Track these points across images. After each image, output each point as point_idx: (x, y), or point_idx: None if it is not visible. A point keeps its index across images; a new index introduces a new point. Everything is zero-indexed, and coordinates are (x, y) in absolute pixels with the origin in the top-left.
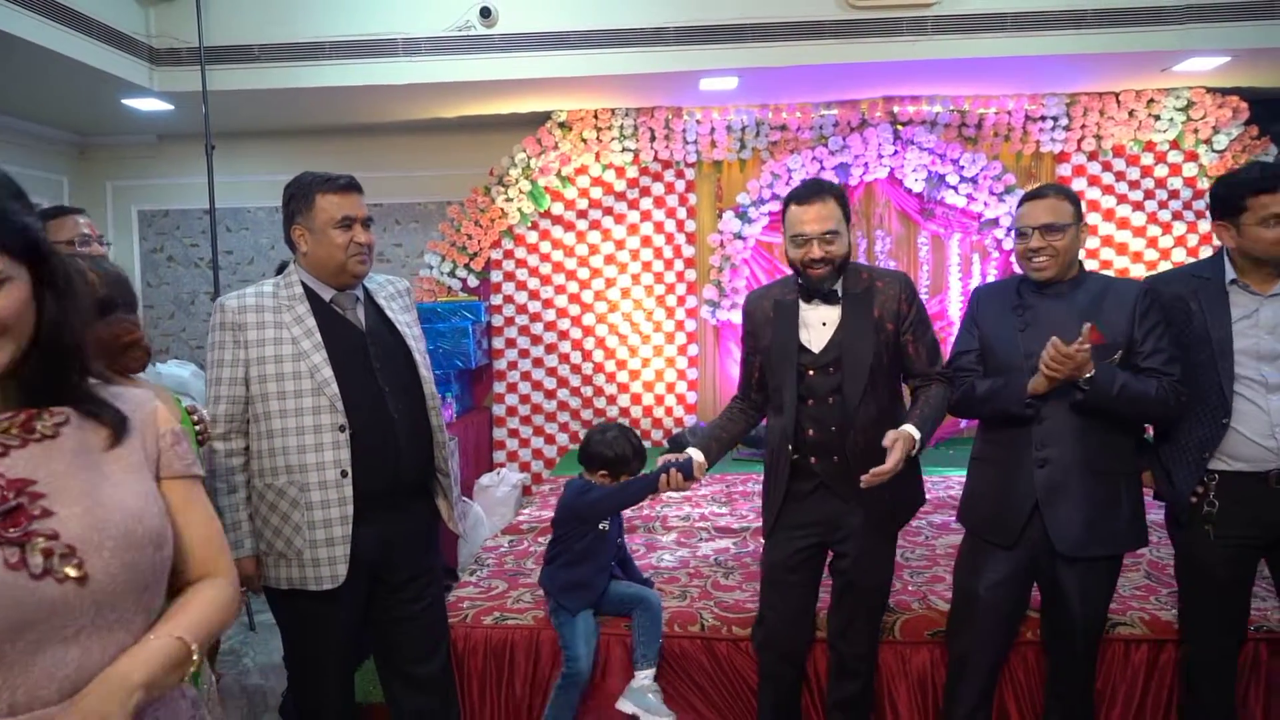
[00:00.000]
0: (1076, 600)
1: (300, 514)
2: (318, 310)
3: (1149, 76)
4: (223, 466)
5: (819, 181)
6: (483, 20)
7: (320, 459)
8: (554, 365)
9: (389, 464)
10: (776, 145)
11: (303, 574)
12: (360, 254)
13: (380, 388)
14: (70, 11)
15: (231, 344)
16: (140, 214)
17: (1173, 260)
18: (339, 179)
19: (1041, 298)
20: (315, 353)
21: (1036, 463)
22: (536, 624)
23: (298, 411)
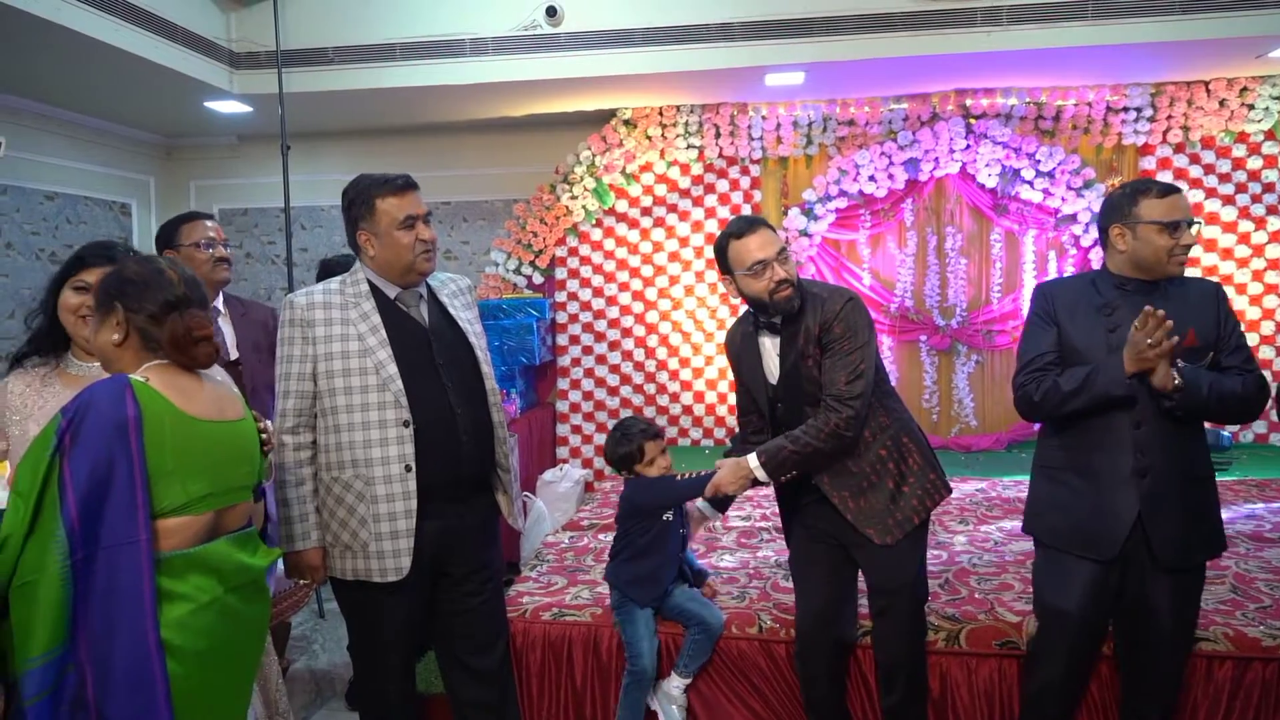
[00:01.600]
0: (1168, 612)
1: (366, 507)
2: (383, 308)
3: (1241, 63)
4: (291, 460)
5: (746, 217)
6: (549, 19)
7: (385, 454)
8: (617, 362)
9: (451, 459)
10: (844, 141)
11: (368, 566)
12: (427, 251)
13: (443, 384)
14: (156, 18)
15: (300, 340)
16: (221, 212)
17: (1267, 257)
18: (395, 180)
19: (1126, 296)
20: (380, 349)
21: (1137, 471)
22: (595, 620)
23: (364, 407)
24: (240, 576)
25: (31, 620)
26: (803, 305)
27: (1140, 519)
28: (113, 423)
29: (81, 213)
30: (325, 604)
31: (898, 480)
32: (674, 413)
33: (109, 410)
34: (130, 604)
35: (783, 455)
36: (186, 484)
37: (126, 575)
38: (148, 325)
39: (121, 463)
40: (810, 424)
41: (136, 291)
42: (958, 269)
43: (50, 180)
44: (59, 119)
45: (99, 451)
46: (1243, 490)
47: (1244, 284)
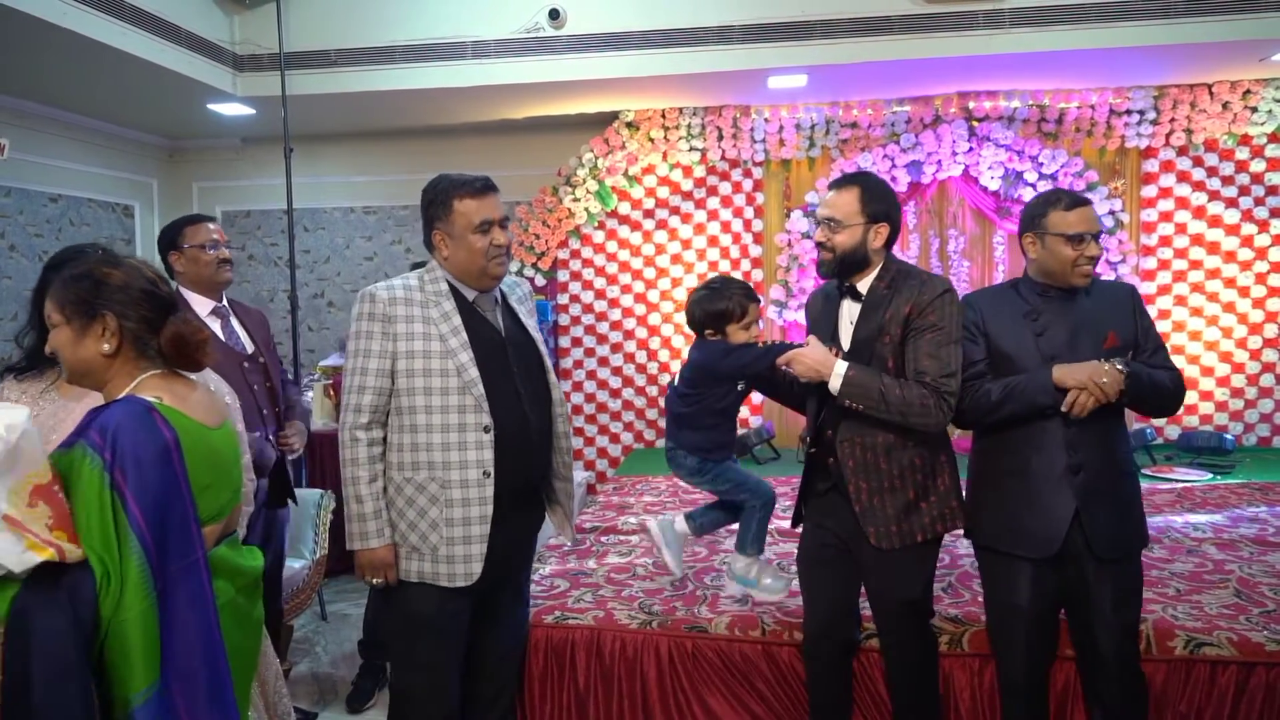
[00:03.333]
0: (1110, 602)
1: (439, 510)
2: (462, 309)
3: (1245, 66)
4: (365, 455)
5: (857, 173)
6: (551, 22)
7: (464, 458)
8: (619, 364)
9: (524, 467)
10: (846, 143)
11: (435, 569)
12: (500, 256)
13: (519, 390)
14: (160, 21)
15: (380, 335)
16: (224, 214)
17: (1270, 260)
18: (475, 181)
19: (1050, 301)
20: (462, 351)
21: (1070, 468)
22: (598, 624)
23: (444, 409)
24: (244, 578)
25: (130, 656)
26: (894, 285)
27: (1077, 514)
28: (159, 452)
29: (85, 215)
30: (327, 606)
31: (919, 493)
32: None
33: (151, 440)
34: (201, 620)
35: (872, 386)
36: (218, 494)
37: (195, 593)
38: (143, 331)
39: (173, 488)
40: (918, 388)
41: (125, 296)
42: (960, 271)
43: (53, 182)
44: (62, 121)
45: (155, 484)
46: (1246, 494)
47: (1246, 287)
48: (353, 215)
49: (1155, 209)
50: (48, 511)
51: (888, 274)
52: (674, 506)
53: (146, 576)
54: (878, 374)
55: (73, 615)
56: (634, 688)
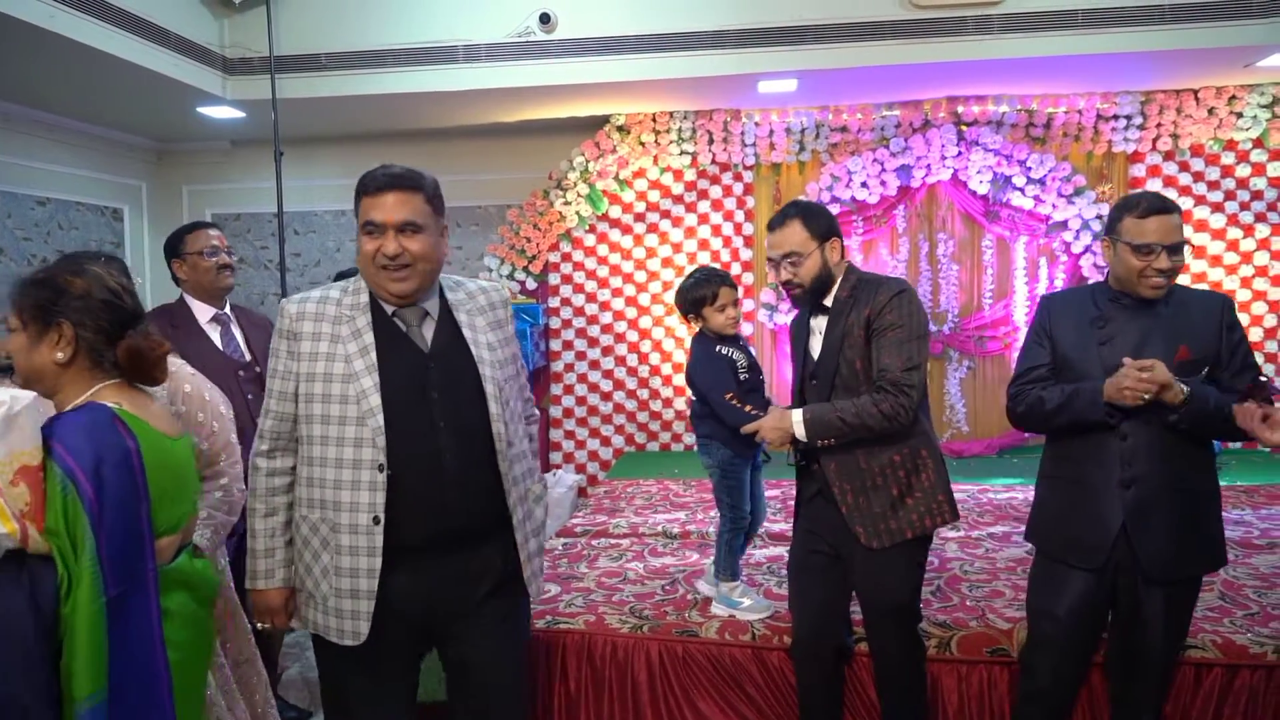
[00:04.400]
0: (1160, 624)
1: (329, 556)
2: (379, 325)
3: (1230, 73)
4: (263, 486)
5: (790, 204)
6: (542, 26)
7: (355, 499)
8: (610, 368)
9: (432, 513)
10: (837, 147)
11: (324, 622)
12: (391, 268)
13: (434, 422)
14: (149, 24)
15: (285, 354)
16: (213, 217)
17: (1255, 264)
18: (376, 177)
19: (1122, 309)
20: (366, 376)
21: (1123, 482)
22: (588, 628)
23: (339, 441)
24: (204, 589)
25: (74, 660)
26: (854, 292)
27: (1125, 529)
28: (120, 457)
29: (73, 218)
30: None
31: (903, 489)
32: (667, 418)
33: (114, 443)
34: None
35: (829, 419)
36: (177, 504)
37: (143, 607)
38: (99, 342)
39: (131, 496)
40: (866, 399)
41: (83, 305)
42: (950, 275)
43: (42, 185)
44: (50, 124)
45: (115, 490)
46: (1231, 496)
47: (1232, 290)
48: (343, 218)
49: None
50: (26, 495)
51: (848, 284)
52: (664, 510)
53: (98, 581)
54: (828, 405)
55: (33, 602)
56: (625, 692)
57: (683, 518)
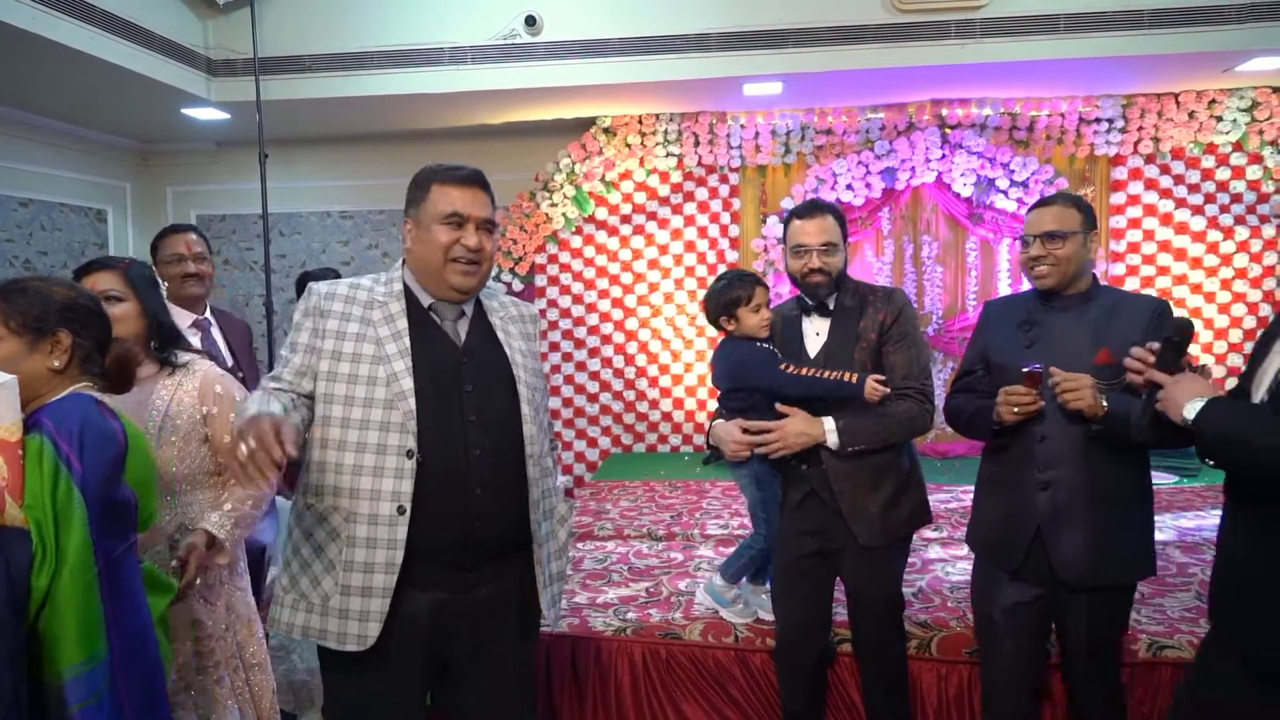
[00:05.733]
0: (1082, 632)
1: (338, 549)
2: (413, 313)
3: (1210, 77)
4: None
5: (819, 201)
6: (528, 29)
7: (376, 486)
8: (597, 369)
9: (459, 513)
10: (822, 149)
11: (322, 625)
12: (465, 261)
13: (465, 416)
14: (133, 26)
15: (309, 330)
16: (199, 218)
17: (1235, 266)
18: (461, 170)
19: (1050, 312)
20: (399, 359)
21: (1039, 485)
22: (572, 631)
23: (363, 424)
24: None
25: (65, 628)
26: (858, 297)
27: (1040, 533)
28: (108, 434)
29: (56, 219)
30: None
31: (898, 489)
32: (653, 419)
33: (103, 425)
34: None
35: (867, 428)
36: (147, 501)
37: (132, 574)
38: (93, 351)
39: (118, 471)
40: (908, 407)
41: (83, 318)
42: (934, 277)
43: (25, 186)
44: (33, 125)
45: (104, 463)
46: (1211, 497)
47: (1212, 293)
48: (329, 220)
49: (1124, 215)
50: (3, 470)
51: (849, 289)
52: (650, 512)
53: (89, 551)
54: (866, 413)
55: (5, 572)
56: (608, 694)
57: (668, 519)
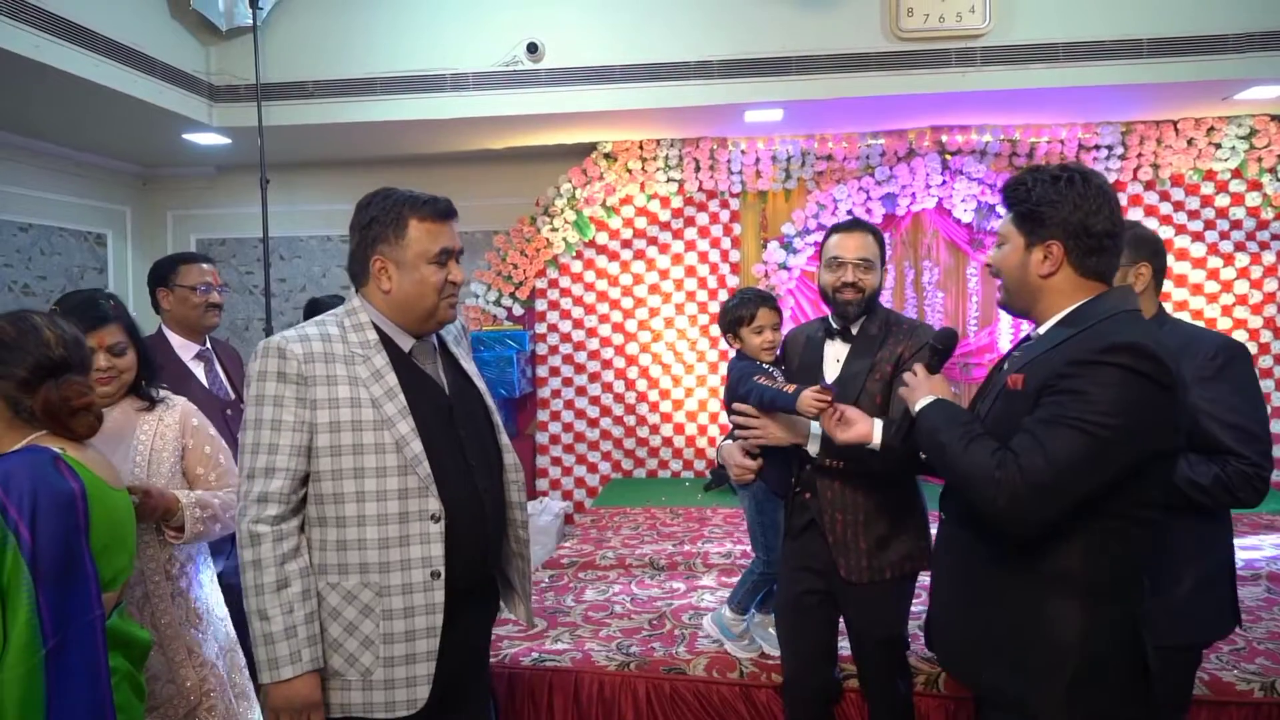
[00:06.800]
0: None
1: (373, 624)
2: (397, 364)
3: (1209, 105)
4: (271, 556)
5: (860, 219)
6: (530, 55)
7: (406, 556)
8: (597, 394)
9: (479, 557)
10: (822, 175)
11: (367, 699)
12: (453, 295)
13: (468, 463)
14: (136, 53)
15: (294, 401)
16: (198, 242)
17: (1235, 292)
18: (439, 202)
19: None
20: (402, 420)
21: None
22: (575, 665)
23: (380, 495)
24: (137, 649)
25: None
26: (886, 328)
27: None
28: (65, 499)
29: (56, 244)
30: None
31: (891, 530)
32: (654, 444)
33: (56, 486)
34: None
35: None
36: (114, 558)
37: (89, 658)
38: (17, 393)
39: (75, 540)
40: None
41: (5, 354)
42: (935, 302)
43: (24, 211)
44: (33, 149)
45: (58, 533)
46: None
47: (1213, 318)
48: (329, 244)
49: None
50: None
51: (877, 319)
52: (652, 541)
53: (35, 632)
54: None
55: None
56: None
57: (670, 548)
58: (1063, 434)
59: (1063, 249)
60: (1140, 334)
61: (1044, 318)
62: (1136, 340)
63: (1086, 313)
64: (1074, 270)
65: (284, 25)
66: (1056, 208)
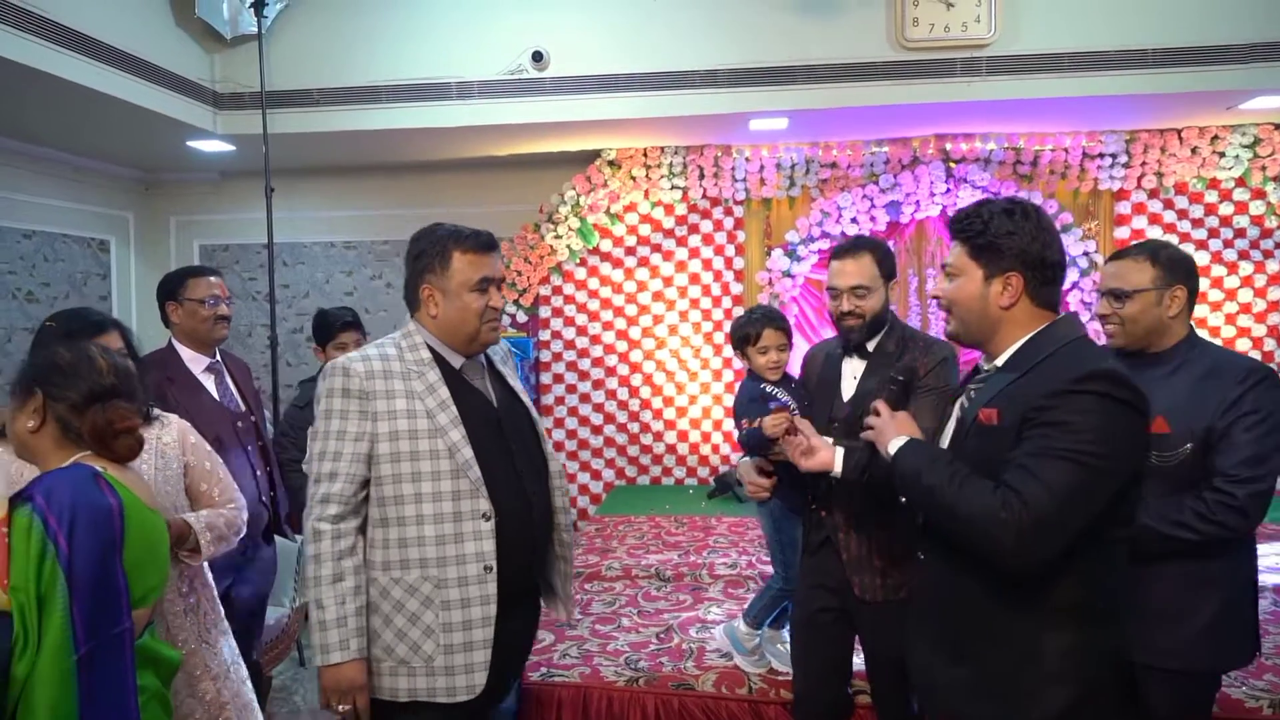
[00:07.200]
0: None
1: (434, 615)
2: (449, 380)
3: (1213, 113)
4: (329, 551)
5: (860, 238)
6: (535, 64)
7: (460, 551)
8: (601, 401)
9: (528, 555)
10: (826, 183)
11: (430, 684)
12: (495, 320)
13: (517, 468)
14: (141, 62)
15: (357, 415)
16: (201, 248)
17: (1239, 301)
18: (480, 236)
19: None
20: (453, 429)
21: None
22: (584, 681)
23: (435, 497)
24: (167, 668)
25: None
26: (901, 345)
27: None
28: (103, 514)
29: (59, 250)
30: (305, 652)
31: (906, 549)
32: (658, 451)
33: (95, 501)
34: (119, 703)
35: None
36: (146, 576)
37: (118, 670)
38: (68, 415)
39: (111, 553)
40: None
41: (61, 379)
42: (938, 311)
43: (27, 218)
44: (36, 156)
45: (95, 544)
46: None
47: (1217, 327)
48: (333, 250)
49: None
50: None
51: (894, 334)
52: (657, 550)
53: (68, 638)
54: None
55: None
56: None
57: (675, 559)
58: (1057, 466)
59: (1022, 280)
60: (1104, 359)
61: (1000, 349)
62: (1110, 367)
63: (1042, 342)
64: (1031, 301)
65: (289, 33)
66: (1014, 239)
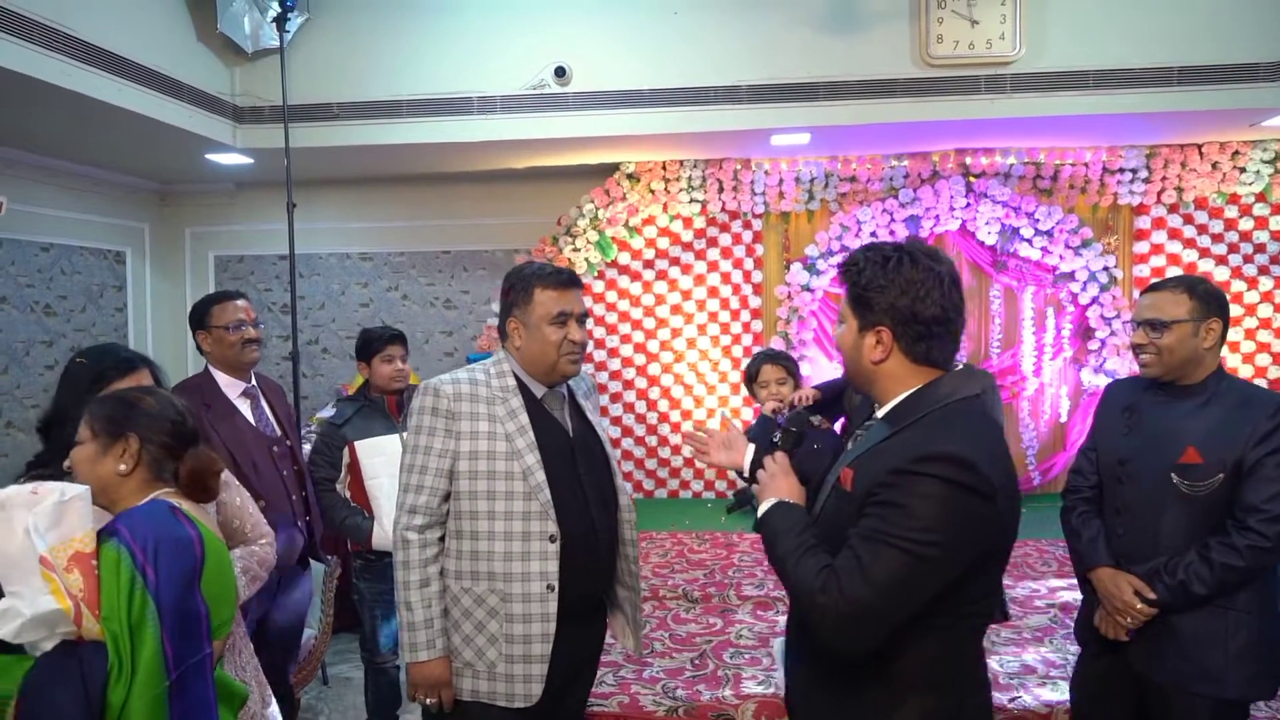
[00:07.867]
0: None
1: (498, 624)
2: (530, 407)
3: (1234, 129)
4: (416, 558)
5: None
6: (557, 79)
7: (526, 569)
8: (619, 414)
9: (591, 578)
10: (845, 197)
11: (492, 688)
12: (573, 352)
13: (586, 495)
14: (162, 77)
15: (443, 432)
16: (217, 259)
17: (1259, 316)
18: (561, 273)
19: (1154, 400)
20: (529, 453)
21: None
22: (623, 710)
23: (507, 515)
24: (238, 699)
25: None
26: None
27: None
28: (185, 544)
29: (76, 263)
30: (328, 669)
31: None
32: (675, 465)
33: (176, 532)
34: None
35: None
36: (220, 608)
37: (202, 690)
38: (162, 456)
39: (193, 580)
40: None
41: (151, 422)
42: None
43: (45, 231)
44: (54, 169)
45: (179, 574)
46: None
47: (1236, 342)
48: (349, 261)
49: (1148, 264)
50: (80, 582)
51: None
52: (682, 569)
53: (161, 663)
54: None
55: (83, 690)
56: None
57: (701, 578)
58: (884, 554)
59: (891, 335)
60: (962, 435)
61: (883, 401)
62: (954, 450)
63: (918, 401)
64: (905, 356)
65: (309, 47)
66: (884, 293)
